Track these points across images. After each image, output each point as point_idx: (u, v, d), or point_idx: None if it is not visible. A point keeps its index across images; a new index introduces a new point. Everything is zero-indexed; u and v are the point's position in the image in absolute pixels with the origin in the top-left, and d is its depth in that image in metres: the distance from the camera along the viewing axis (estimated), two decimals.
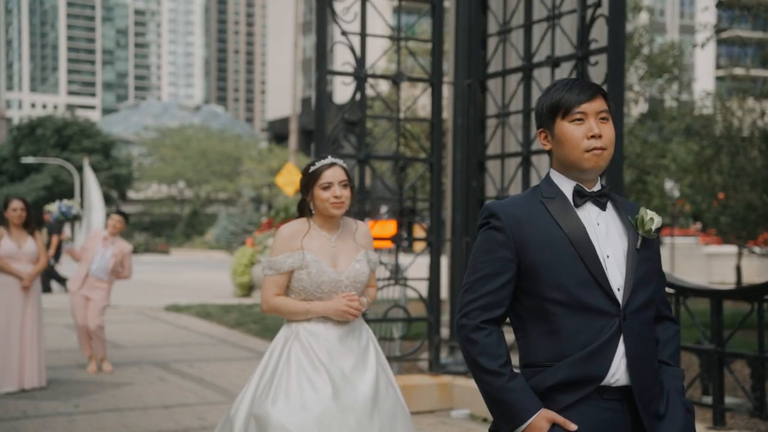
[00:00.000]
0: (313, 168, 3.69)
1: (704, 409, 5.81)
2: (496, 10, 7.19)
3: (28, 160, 48.01)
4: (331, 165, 3.68)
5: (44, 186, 49.87)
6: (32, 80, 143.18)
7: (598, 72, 6.22)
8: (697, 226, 19.53)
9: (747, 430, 5.63)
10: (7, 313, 7.48)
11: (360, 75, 6.79)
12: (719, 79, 49.79)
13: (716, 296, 5.75)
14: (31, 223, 7.75)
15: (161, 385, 7.85)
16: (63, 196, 47.62)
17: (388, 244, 7.08)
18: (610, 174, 5.61)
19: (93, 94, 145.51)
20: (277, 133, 55.14)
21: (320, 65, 6.67)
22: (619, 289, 2.30)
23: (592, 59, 6.04)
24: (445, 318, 7.75)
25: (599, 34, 6.06)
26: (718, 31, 12.96)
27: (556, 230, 2.32)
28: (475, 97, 7.23)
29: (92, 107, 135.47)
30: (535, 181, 6.47)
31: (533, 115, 6.07)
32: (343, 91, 23.97)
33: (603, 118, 2.36)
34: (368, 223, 6.44)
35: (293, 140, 32.99)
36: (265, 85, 78.15)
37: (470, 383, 6.53)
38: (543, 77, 6.84)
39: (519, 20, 6.95)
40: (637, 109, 19.03)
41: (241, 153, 55.58)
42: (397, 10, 7.04)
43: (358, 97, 6.83)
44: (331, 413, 3.40)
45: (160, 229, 56.86)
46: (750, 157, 14.10)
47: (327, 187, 3.64)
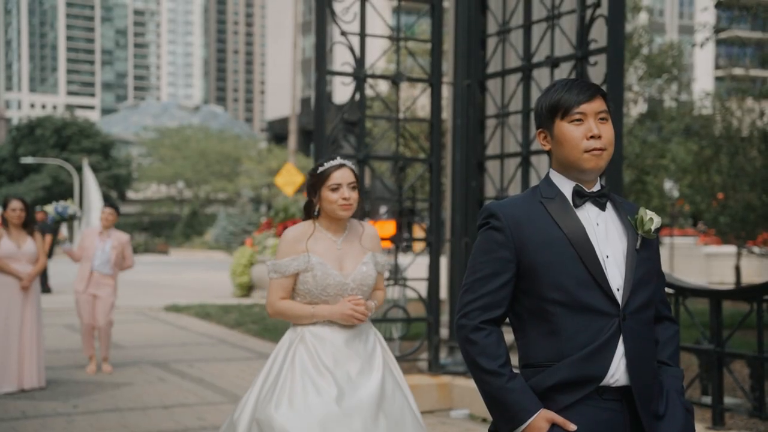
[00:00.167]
0: (321, 169, 3.62)
1: (703, 409, 5.81)
2: (496, 10, 7.19)
3: (28, 160, 48.02)
4: (340, 166, 3.61)
5: (43, 186, 49.88)
6: (31, 80, 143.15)
7: (597, 72, 6.22)
8: (701, 227, 19.50)
9: (746, 430, 5.63)
10: (6, 313, 7.48)
11: (359, 75, 6.79)
12: (718, 79, 49.80)
13: (715, 296, 5.74)
14: (31, 224, 7.76)
15: (161, 385, 7.85)
16: (62, 197, 47.81)
17: (388, 245, 7.08)
18: (609, 174, 5.61)
19: (92, 95, 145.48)
20: (277, 133, 55.17)
21: (320, 65, 6.67)
22: (618, 290, 2.30)
23: (592, 59, 6.04)
24: (445, 318, 7.74)
25: (598, 34, 6.06)
26: (717, 31, 12.98)
27: (556, 230, 2.32)
28: (474, 97, 7.23)
29: (91, 107, 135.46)
30: (534, 181, 6.47)
31: (532, 116, 6.07)
32: (342, 91, 23.94)
33: (602, 119, 2.36)
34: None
35: (292, 140, 33.00)
36: (264, 86, 78.16)
37: (469, 383, 6.53)
38: (542, 77, 6.84)
39: (518, 20, 6.95)
40: (636, 109, 19.04)
41: (241, 153, 55.57)
42: (397, 11, 7.04)
43: (357, 97, 6.83)
44: (335, 417, 3.36)
45: (159, 230, 56.85)
46: (749, 157, 14.10)
47: (335, 189, 3.58)
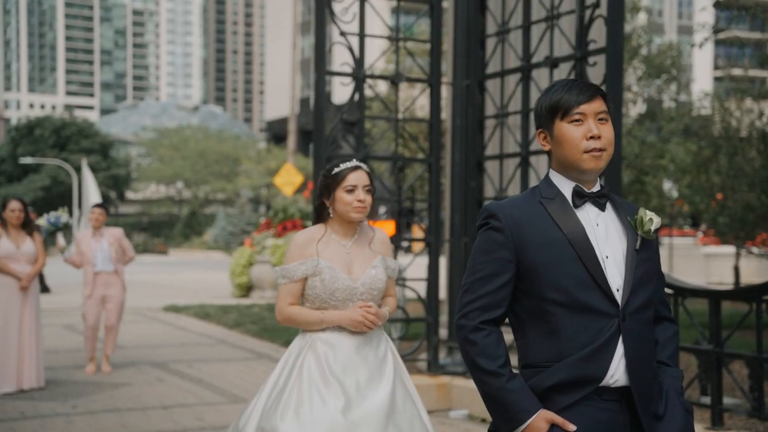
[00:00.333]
0: (336, 170, 3.55)
1: (702, 409, 5.81)
2: (495, 11, 7.19)
3: (27, 160, 47.98)
4: (356, 168, 3.54)
5: (42, 186, 49.84)
6: (30, 80, 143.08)
7: (596, 72, 6.22)
8: (702, 228, 19.52)
9: (745, 431, 5.63)
10: (5, 313, 7.48)
11: (358, 75, 6.79)
12: (717, 79, 49.81)
13: (714, 297, 5.74)
14: (30, 224, 7.76)
15: (160, 385, 7.85)
16: (61, 197, 47.88)
17: None
18: (608, 174, 5.60)
19: (91, 95, 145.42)
20: (276, 133, 55.17)
21: (319, 66, 6.67)
22: (618, 290, 2.30)
23: (591, 60, 6.04)
24: (444, 318, 7.74)
25: (598, 34, 6.06)
26: (716, 31, 12.99)
27: (556, 231, 2.32)
28: (473, 97, 7.23)
29: (90, 107, 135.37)
30: (533, 181, 6.47)
31: (532, 116, 6.09)
32: (341, 91, 23.97)
33: (602, 119, 2.36)
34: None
35: (292, 141, 33.02)
36: (263, 86, 78.16)
37: (469, 384, 6.53)
38: (541, 78, 6.84)
39: (517, 21, 6.95)
40: (635, 109, 19.03)
41: (240, 153, 55.56)
42: (396, 11, 7.05)
43: (356, 97, 6.83)
44: (341, 429, 3.31)
45: (158, 230, 56.85)
46: (748, 158, 14.09)
47: (351, 191, 3.51)
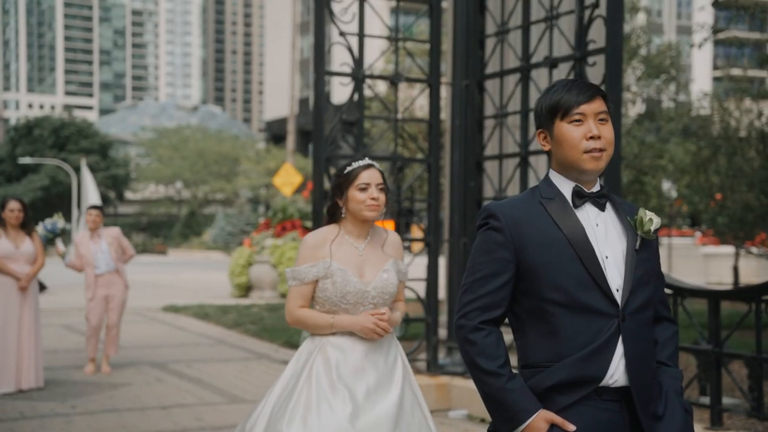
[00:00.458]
0: (349, 169, 3.51)
1: (702, 409, 5.81)
2: (494, 11, 7.19)
3: (26, 160, 47.99)
4: (369, 166, 3.51)
5: (41, 186, 49.86)
6: (29, 81, 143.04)
7: (596, 73, 6.21)
8: (702, 228, 19.51)
9: (744, 431, 5.63)
10: (4, 313, 7.48)
11: (358, 75, 6.79)
12: (716, 79, 49.80)
13: (714, 297, 5.74)
14: (29, 224, 7.75)
15: (159, 385, 7.85)
16: (60, 197, 47.88)
17: None
18: (607, 174, 5.60)
19: (90, 95, 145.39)
20: (275, 133, 55.17)
21: (318, 66, 6.67)
22: (617, 290, 2.30)
23: (590, 60, 6.04)
24: (443, 318, 7.74)
25: (597, 34, 6.06)
26: (715, 31, 12.99)
27: (555, 231, 2.32)
28: (472, 97, 7.23)
29: (89, 108, 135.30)
30: (533, 181, 6.47)
31: (531, 116, 6.08)
32: (340, 91, 23.96)
33: (602, 119, 2.36)
34: None
35: (291, 141, 33.02)
36: (262, 86, 78.18)
37: (468, 384, 6.53)
38: (541, 78, 6.84)
39: (517, 21, 6.95)
40: (634, 109, 19.04)
41: (239, 153, 55.57)
42: (395, 11, 7.05)
43: (356, 97, 6.83)
44: None
45: (157, 230, 56.86)
46: (747, 158, 14.10)
47: (364, 189, 3.47)
